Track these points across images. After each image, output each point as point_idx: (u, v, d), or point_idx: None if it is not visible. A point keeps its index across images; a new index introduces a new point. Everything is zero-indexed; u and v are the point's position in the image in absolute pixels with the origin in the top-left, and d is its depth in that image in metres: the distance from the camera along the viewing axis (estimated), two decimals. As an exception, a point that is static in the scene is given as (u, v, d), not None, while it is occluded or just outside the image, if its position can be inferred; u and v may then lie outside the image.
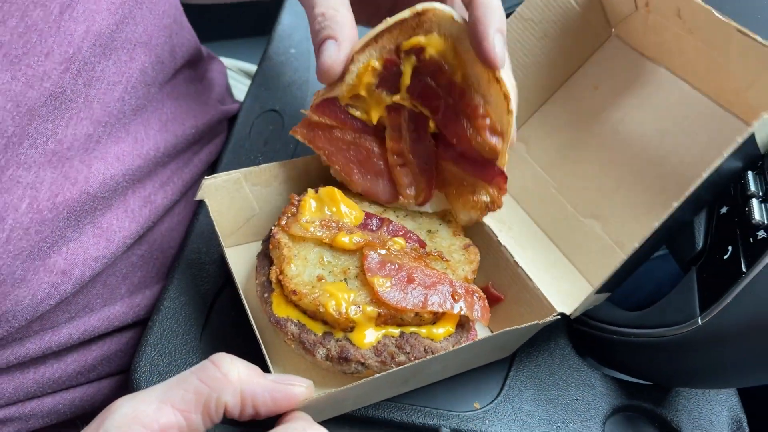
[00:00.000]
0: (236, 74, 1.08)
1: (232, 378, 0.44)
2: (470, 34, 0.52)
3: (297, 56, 0.90)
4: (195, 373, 0.44)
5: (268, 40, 0.93)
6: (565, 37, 0.68)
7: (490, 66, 0.52)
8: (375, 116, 0.59)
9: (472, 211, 0.60)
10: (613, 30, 0.70)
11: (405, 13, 0.54)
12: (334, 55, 0.54)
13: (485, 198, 0.58)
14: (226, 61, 1.07)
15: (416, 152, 0.59)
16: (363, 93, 0.58)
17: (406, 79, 0.57)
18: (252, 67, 1.08)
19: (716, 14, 0.53)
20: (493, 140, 0.55)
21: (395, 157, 0.59)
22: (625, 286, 0.91)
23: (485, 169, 0.56)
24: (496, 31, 0.51)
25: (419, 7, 0.54)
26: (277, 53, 0.91)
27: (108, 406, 0.43)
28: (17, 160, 0.51)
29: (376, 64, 0.56)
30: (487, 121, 0.54)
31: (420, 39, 0.55)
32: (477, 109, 0.54)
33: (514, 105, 0.53)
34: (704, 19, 0.54)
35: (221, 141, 0.78)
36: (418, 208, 0.63)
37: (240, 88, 1.01)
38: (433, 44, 0.55)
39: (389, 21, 0.55)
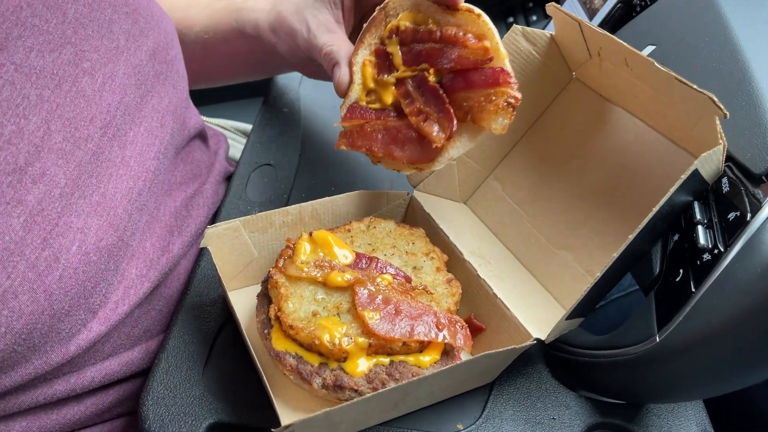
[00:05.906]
0: (234, 134, 1.13)
1: None
2: None
3: (289, 115, 0.96)
4: None
5: (263, 101, 0.99)
6: (530, 83, 0.73)
7: (451, 4, 0.64)
8: (388, 99, 0.68)
9: (500, 117, 0.63)
10: (574, 74, 0.76)
11: (374, 13, 0.68)
12: (339, 72, 0.69)
13: (503, 101, 0.63)
14: (225, 122, 1.14)
15: (429, 103, 0.66)
16: (372, 85, 0.68)
17: (398, 56, 0.67)
18: (247, 126, 1.14)
19: (657, 65, 0.57)
20: (480, 42, 0.63)
21: (415, 117, 0.66)
22: (606, 322, 0.95)
23: (489, 77, 0.63)
24: None
25: (382, 4, 0.67)
26: (271, 112, 0.97)
27: None
28: (70, 208, 0.56)
29: (370, 57, 0.68)
30: (468, 35, 0.63)
31: (393, 22, 0.67)
32: (456, 34, 0.64)
33: (479, 11, 0.64)
34: (648, 69, 0.59)
35: (224, 192, 0.84)
36: (455, 152, 0.66)
37: (237, 147, 1.06)
38: (403, 18, 0.66)
39: (365, 25, 0.68)
